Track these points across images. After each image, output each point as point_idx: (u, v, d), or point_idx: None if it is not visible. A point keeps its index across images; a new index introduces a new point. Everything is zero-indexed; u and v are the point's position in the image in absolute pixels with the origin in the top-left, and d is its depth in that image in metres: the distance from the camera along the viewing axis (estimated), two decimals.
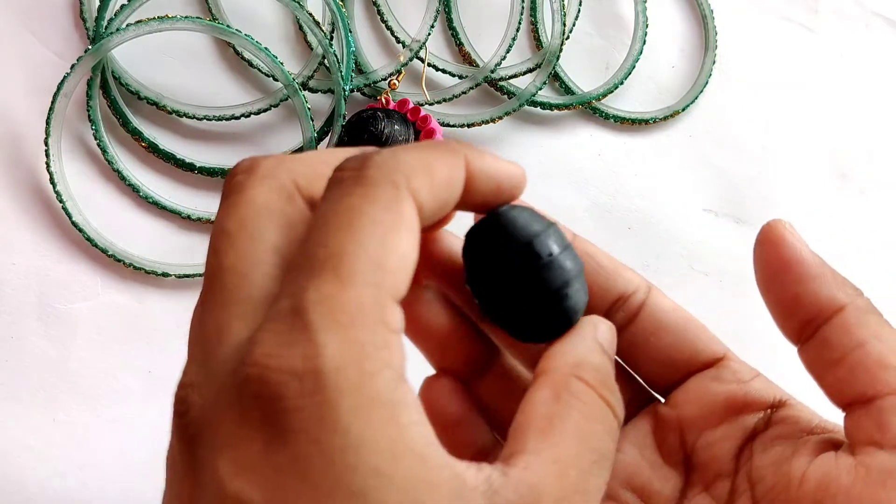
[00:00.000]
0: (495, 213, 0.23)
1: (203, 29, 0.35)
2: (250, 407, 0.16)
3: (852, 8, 0.45)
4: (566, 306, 0.23)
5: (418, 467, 0.16)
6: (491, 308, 0.24)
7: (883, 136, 0.44)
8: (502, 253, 0.23)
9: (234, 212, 0.19)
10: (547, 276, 0.23)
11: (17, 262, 0.35)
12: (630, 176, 0.41)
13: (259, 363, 0.16)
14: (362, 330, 0.16)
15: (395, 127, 0.35)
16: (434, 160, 0.19)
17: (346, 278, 0.17)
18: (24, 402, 0.34)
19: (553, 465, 0.18)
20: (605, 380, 0.21)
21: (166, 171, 0.37)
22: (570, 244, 0.24)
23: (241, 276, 0.18)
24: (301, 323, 0.16)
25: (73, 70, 0.34)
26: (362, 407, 0.16)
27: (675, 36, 0.43)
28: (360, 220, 0.17)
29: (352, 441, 0.16)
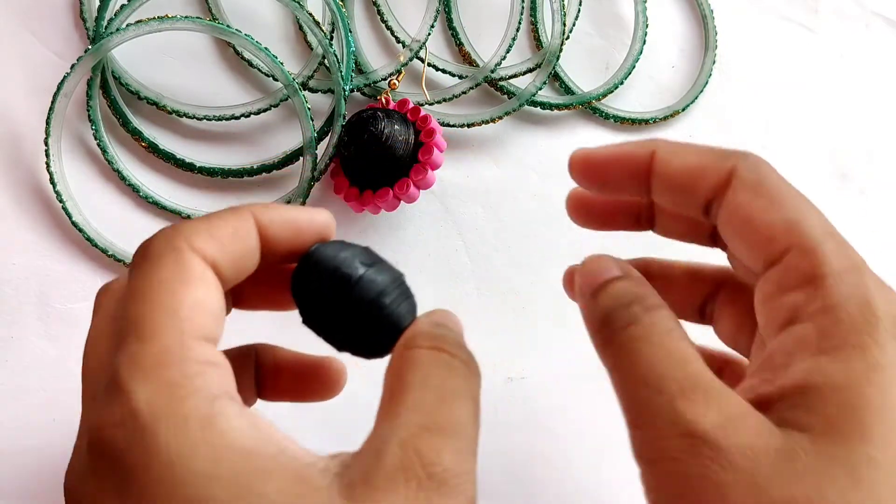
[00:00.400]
0: (305, 253, 0.25)
1: (203, 29, 0.35)
2: (100, 467, 0.19)
3: (852, 8, 0.45)
4: (385, 314, 0.25)
5: (244, 461, 0.19)
6: (332, 338, 0.26)
7: (883, 136, 0.44)
8: (317, 284, 0.25)
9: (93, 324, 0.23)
10: (357, 294, 0.24)
11: (17, 262, 0.35)
12: None
13: (93, 428, 0.19)
14: (167, 369, 0.19)
15: (395, 127, 0.34)
16: (215, 220, 0.23)
17: (147, 335, 0.20)
18: (24, 401, 0.34)
19: (393, 419, 0.20)
20: (438, 338, 0.23)
21: (166, 171, 0.37)
22: (382, 260, 0.26)
23: (95, 373, 0.22)
24: (115, 384, 0.19)
25: (73, 70, 0.34)
26: (177, 426, 0.19)
27: (675, 36, 0.43)
28: (150, 286, 0.21)
29: (173, 457, 0.18)
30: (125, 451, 0.19)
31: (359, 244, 0.26)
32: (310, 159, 0.36)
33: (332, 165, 0.37)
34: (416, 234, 0.38)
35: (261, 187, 0.37)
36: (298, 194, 0.36)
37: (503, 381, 0.37)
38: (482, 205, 0.39)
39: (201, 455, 0.18)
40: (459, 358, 0.22)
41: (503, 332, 0.38)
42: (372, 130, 0.34)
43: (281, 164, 0.37)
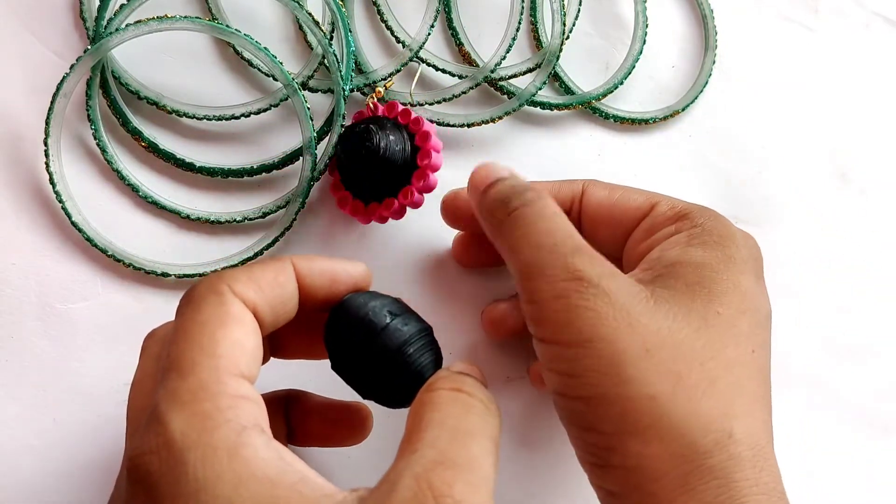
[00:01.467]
0: (341, 300, 0.27)
1: (203, 29, 0.35)
2: (134, 492, 0.21)
3: (852, 8, 0.45)
4: (407, 364, 0.26)
5: (264, 488, 0.20)
6: (358, 385, 0.27)
7: (883, 136, 0.44)
8: (346, 332, 0.27)
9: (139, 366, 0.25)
10: (382, 342, 0.26)
11: (16, 262, 0.35)
12: (630, 176, 0.41)
13: (131, 457, 0.21)
14: (203, 402, 0.21)
15: (391, 137, 0.34)
16: (257, 267, 0.25)
17: (186, 371, 0.21)
18: (24, 401, 0.34)
19: (410, 455, 0.22)
20: (457, 381, 0.24)
21: (166, 171, 0.37)
22: (408, 312, 0.27)
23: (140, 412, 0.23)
24: (155, 416, 0.21)
25: (72, 70, 0.34)
26: (206, 455, 0.20)
27: (675, 36, 0.43)
28: (192, 327, 0.22)
29: (200, 483, 0.20)
30: (159, 477, 0.20)
31: (390, 295, 0.28)
32: (309, 159, 0.36)
33: (333, 180, 0.36)
34: (417, 235, 0.38)
35: (261, 187, 0.37)
36: (298, 194, 0.36)
37: (503, 381, 0.37)
38: None
39: (226, 481, 0.20)
40: (477, 398, 0.24)
41: None
42: (368, 146, 0.34)
43: (281, 163, 0.37)
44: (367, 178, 0.35)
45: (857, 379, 0.40)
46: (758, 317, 0.28)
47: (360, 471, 0.33)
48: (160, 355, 0.24)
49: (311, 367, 0.30)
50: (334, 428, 0.31)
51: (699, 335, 0.26)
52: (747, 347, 0.27)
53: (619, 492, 0.26)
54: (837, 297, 0.41)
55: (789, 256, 0.41)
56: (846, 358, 0.41)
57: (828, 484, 0.39)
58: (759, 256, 0.31)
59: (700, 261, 0.28)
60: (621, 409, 0.25)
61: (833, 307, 0.41)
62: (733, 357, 0.26)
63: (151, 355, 0.25)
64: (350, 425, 0.31)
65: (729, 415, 0.25)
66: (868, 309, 0.41)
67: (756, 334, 0.28)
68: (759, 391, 0.27)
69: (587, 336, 0.25)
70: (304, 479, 0.21)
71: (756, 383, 0.27)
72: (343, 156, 0.35)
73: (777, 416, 0.28)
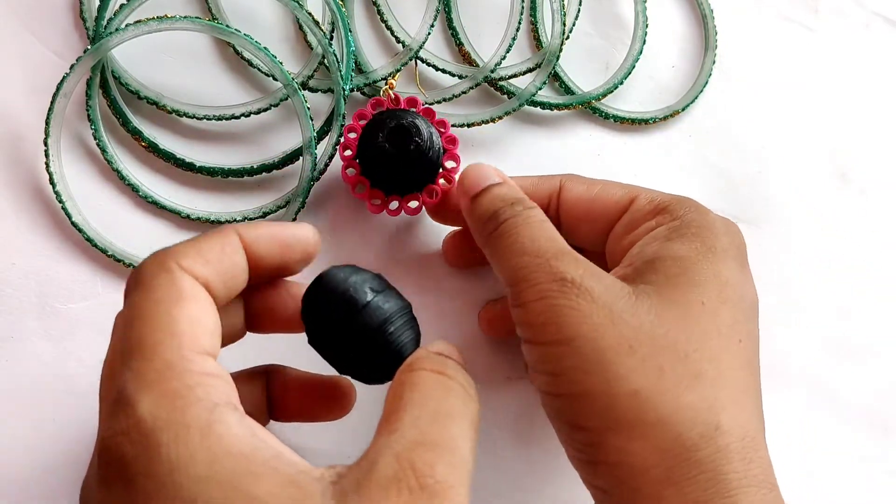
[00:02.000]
0: (319, 274, 0.26)
1: (202, 29, 0.35)
2: (108, 475, 0.20)
3: (852, 8, 0.45)
4: (388, 342, 0.26)
5: (239, 465, 0.20)
6: (335, 361, 0.27)
7: (883, 136, 0.44)
8: (326, 307, 0.26)
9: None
10: (364, 319, 0.26)
11: (16, 262, 0.35)
12: (630, 176, 0.41)
13: (103, 438, 0.20)
14: (170, 381, 0.21)
15: (432, 133, 0.34)
16: (202, 241, 0.24)
17: (148, 353, 0.21)
18: (23, 401, 0.34)
19: (389, 435, 0.21)
20: (438, 362, 0.24)
21: (166, 171, 0.37)
22: (389, 289, 0.27)
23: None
24: (122, 397, 0.21)
25: (72, 70, 0.34)
26: (178, 435, 0.20)
27: (675, 36, 0.43)
28: (147, 307, 0.22)
29: (174, 463, 0.19)
30: (131, 459, 0.20)
31: (371, 270, 0.27)
32: (309, 159, 0.36)
33: (354, 173, 0.35)
34: (417, 234, 0.38)
35: (261, 187, 0.37)
36: (298, 194, 0.36)
37: (503, 380, 0.37)
38: None
39: (199, 460, 0.20)
40: (458, 381, 0.24)
41: None
42: (417, 142, 0.34)
43: (281, 163, 0.37)
44: (400, 172, 0.34)
45: (857, 379, 0.40)
46: (742, 305, 0.28)
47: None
48: (122, 336, 0.23)
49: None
50: (316, 402, 0.30)
51: (681, 328, 0.26)
52: (733, 338, 0.27)
53: (607, 488, 0.26)
54: (837, 297, 0.41)
55: (789, 256, 0.41)
56: (846, 358, 0.41)
57: (828, 484, 0.39)
58: (742, 244, 0.30)
59: (680, 253, 0.28)
60: (605, 405, 0.25)
61: (833, 307, 0.41)
62: (718, 348, 0.26)
63: (117, 337, 0.24)
64: (332, 399, 0.30)
65: (715, 407, 0.25)
66: (868, 309, 0.41)
67: (740, 323, 0.27)
68: (747, 381, 0.27)
69: (570, 334, 0.25)
70: (278, 455, 0.21)
71: (744, 373, 0.27)
72: (390, 147, 0.34)
73: (777, 416, 0.28)
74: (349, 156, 0.35)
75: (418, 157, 0.34)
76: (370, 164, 0.35)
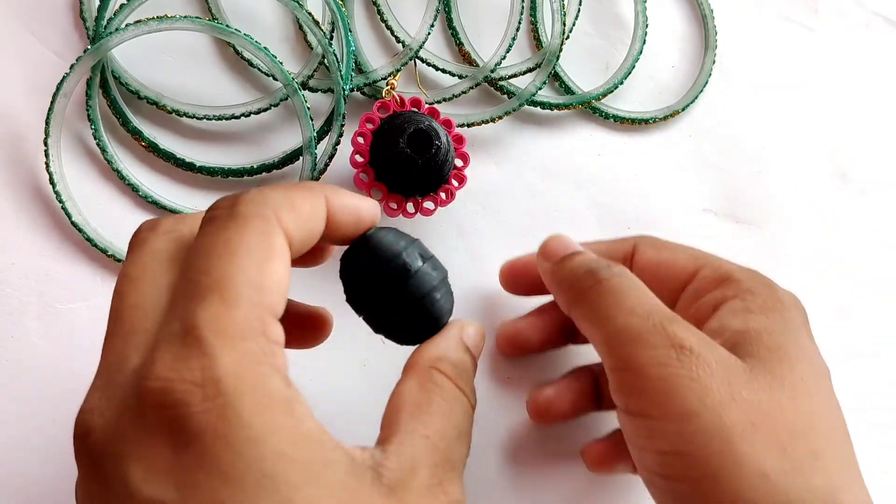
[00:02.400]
0: (365, 235, 0.26)
1: (202, 29, 0.35)
2: (154, 417, 0.18)
3: (852, 8, 0.45)
4: (433, 310, 0.27)
5: (316, 450, 0.19)
6: (371, 319, 0.27)
7: (883, 136, 0.44)
8: (374, 268, 0.26)
9: (137, 260, 0.22)
10: (414, 285, 0.26)
11: (16, 262, 0.35)
12: (630, 176, 0.41)
13: (160, 377, 0.18)
14: (250, 341, 0.19)
15: (445, 134, 0.34)
16: (297, 197, 0.22)
17: (231, 300, 0.19)
18: (24, 401, 0.34)
19: (424, 440, 0.22)
20: (461, 373, 0.25)
21: (166, 171, 0.37)
22: (433, 256, 0.28)
23: (141, 312, 0.20)
24: (193, 340, 0.19)
25: (72, 70, 0.34)
26: (261, 404, 0.19)
27: (675, 36, 0.43)
28: (238, 249, 0.20)
29: (256, 433, 0.18)
30: (197, 416, 0.18)
31: (411, 235, 0.28)
32: (309, 159, 0.36)
33: (368, 178, 0.35)
34: (416, 233, 0.38)
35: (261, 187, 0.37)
36: None
37: (503, 380, 0.37)
38: (482, 204, 0.39)
39: (283, 437, 0.19)
40: (471, 402, 0.25)
41: None
42: (437, 145, 0.34)
43: (281, 163, 0.37)
44: (420, 176, 0.34)
45: (857, 379, 0.40)
46: (827, 377, 0.28)
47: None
48: (178, 258, 0.21)
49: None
50: (295, 328, 0.28)
51: (794, 405, 0.25)
52: (832, 413, 0.27)
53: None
54: (837, 297, 0.41)
55: (789, 256, 0.41)
56: (846, 358, 0.41)
57: None
58: (806, 314, 0.30)
59: (769, 328, 0.27)
60: (734, 489, 0.23)
61: (833, 307, 0.41)
62: (827, 425, 0.26)
63: (157, 253, 0.22)
64: (312, 327, 0.29)
65: (836, 488, 0.25)
66: (868, 309, 0.41)
67: (833, 396, 0.27)
68: (852, 456, 0.26)
69: (693, 409, 0.24)
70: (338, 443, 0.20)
71: (849, 448, 0.27)
72: (408, 149, 0.33)
73: None
74: (362, 161, 0.35)
75: (438, 160, 0.34)
76: (388, 170, 0.34)
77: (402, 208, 0.35)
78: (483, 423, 0.36)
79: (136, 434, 0.19)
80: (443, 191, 0.35)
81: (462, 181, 0.36)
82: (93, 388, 0.20)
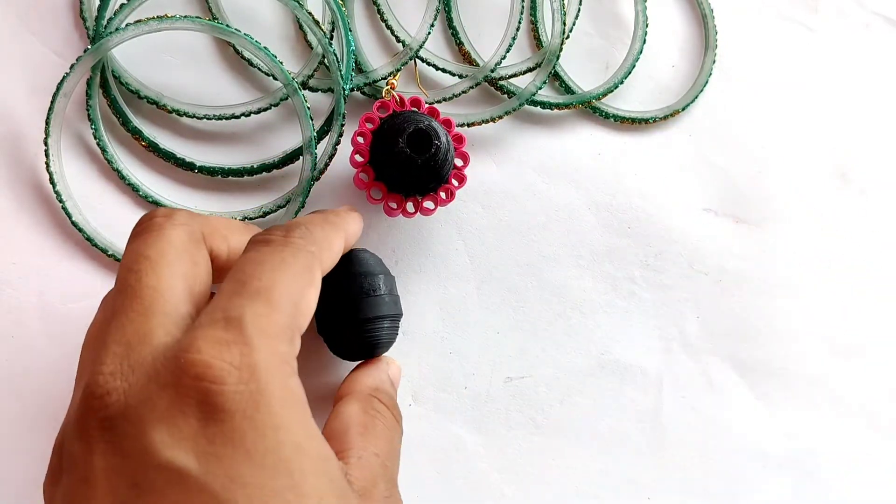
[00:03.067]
0: (353, 250, 0.31)
1: (202, 28, 0.35)
2: (188, 388, 0.20)
3: (852, 7, 0.45)
4: (372, 336, 0.31)
5: (321, 447, 0.22)
6: (321, 324, 0.31)
7: (883, 136, 0.44)
8: (340, 282, 0.30)
9: (154, 243, 0.24)
10: (371, 304, 0.30)
11: (17, 262, 0.35)
12: (630, 175, 0.41)
13: (202, 351, 0.20)
14: (282, 344, 0.22)
15: (445, 134, 0.34)
16: (333, 238, 0.27)
17: (275, 306, 0.22)
18: (24, 400, 0.34)
19: (376, 458, 0.25)
20: (394, 403, 0.29)
21: (166, 171, 0.37)
22: (398, 297, 0.32)
23: (160, 294, 0.22)
24: (237, 330, 0.21)
25: (72, 69, 0.34)
26: (287, 399, 0.21)
27: (675, 35, 0.43)
28: (288, 270, 0.23)
29: (282, 422, 0.20)
30: (230, 395, 0.20)
31: (385, 266, 0.32)
32: (309, 159, 0.36)
33: (368, 178, 0.35)
34: (416, 233, 0.38)
35: (261, 187, 0.37)
36: (298, 194, 0.36)
37: (503, 380, 0.37)
38: (482, 204, 0.39)
39: (300, 430, 0.21)
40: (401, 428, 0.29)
41: (503, 331, 0.38)
42: (437, 144, 0.33)
43: (281, 163, 0.37)
44: (420, 176, 0.34)
45: (857, 379, 0.40)
46: None
47: None
48: (187, 249, 0.24)
49: None
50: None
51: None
52: None
53: None
54: (837, 296, 0.41)
55: (789, 256, 0.41)
56: (846, 358, 0.41)
57: (828, 483, 0.39)
58: None
59: None
60: None
61: (833, 307, 0.41)
62: None
63: (174, 241, 0.24)
64: None
65: None
66: (868, 309, 0.41)
67: None
68: None
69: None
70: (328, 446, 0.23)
71: None
72: (412, 152, 0.33)
73: (777, 415, 0.28)
74: (361, 161, 0.35)
75: (438, 160, 0.34)
76: (388, 170, 0.34)
77: (401, 208, 0.35)
78: (485, 424, 0.36)
79: (164, 400, 0.20)
80: (443, 190, 0.35)
81: (462, 181, 0.35)
82: (108, 354, 0.21)
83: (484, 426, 0.37)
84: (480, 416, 0.37)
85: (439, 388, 0.37)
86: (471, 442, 0.37)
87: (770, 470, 0.38)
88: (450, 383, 0.37)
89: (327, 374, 0.36)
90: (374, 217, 0.38)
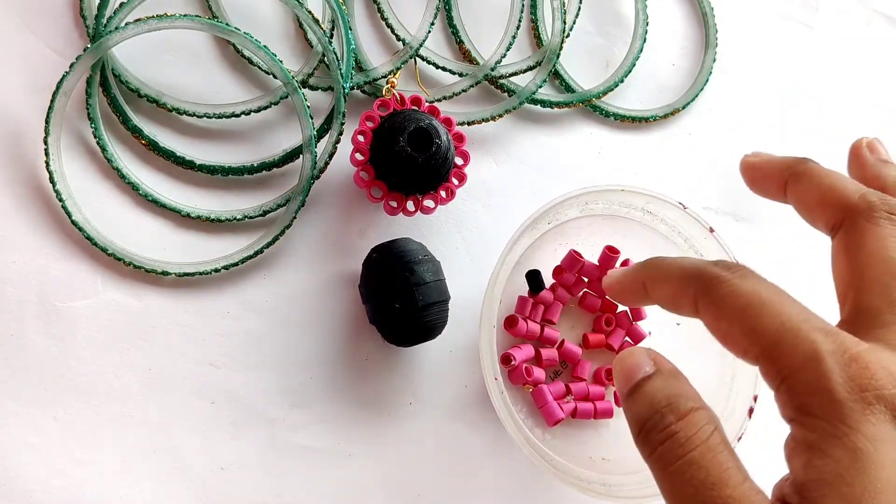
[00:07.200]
0: (395, 241, 0.34)
1: (202, 27, 0.35)
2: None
3: (852, 6, 0.45)
4: (427, 322, 0.33)
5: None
6: (372, 311, 0.33)
7: (883, 135, 0.44)
8: (391, 270, 0.32)
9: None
10: (417, 296, 0.32)
11: (17, 261, 0.35)
12: (630, 174, 0.41)
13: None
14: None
15: (445, 132, 0.34)
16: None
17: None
18: (24, 399, 0.34)
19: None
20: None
21: (166, 169, 0.37)
22: (444, 280, 0.33)
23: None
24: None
25: (72, 68, 0.34)
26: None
27: (676, 34, 0.43)
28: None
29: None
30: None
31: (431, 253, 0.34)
32: (309, 157, 0.36)
33: (368, 177, 0.35)
34: (417, 232, 0.38)
35: (261, 185, 0.37)
36: (298, 192, 0.36)
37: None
38: (482, 203, 0.39)
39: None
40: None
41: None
42: (438, 143, 0.33)
43: (281, 161, 0.37)
44: (420, 174, 0.34)
45: None
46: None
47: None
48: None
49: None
50: None
51: None
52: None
53: None
54: None
55: (789, 256, 0.41)
56: None
57: None
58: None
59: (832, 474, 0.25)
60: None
61: (833, 307, 0.41)
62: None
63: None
64: None
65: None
66: None
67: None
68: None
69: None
70: None
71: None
72: (412, 151, 0.33)
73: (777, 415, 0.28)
74: (362, 160, 0.35)
75: (438, 159, 0.34)
76: (388, 168, 0.34)
77: (402, 206, 0.35)
78: (485, 423, 0.36)
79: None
80: (443, 189, 0.35)
81: (462, 179, 0.35)
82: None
83: (484, 423, 0.37)
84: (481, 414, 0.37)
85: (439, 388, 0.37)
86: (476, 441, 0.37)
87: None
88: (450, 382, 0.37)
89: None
90: (374, 216, 0.38)
